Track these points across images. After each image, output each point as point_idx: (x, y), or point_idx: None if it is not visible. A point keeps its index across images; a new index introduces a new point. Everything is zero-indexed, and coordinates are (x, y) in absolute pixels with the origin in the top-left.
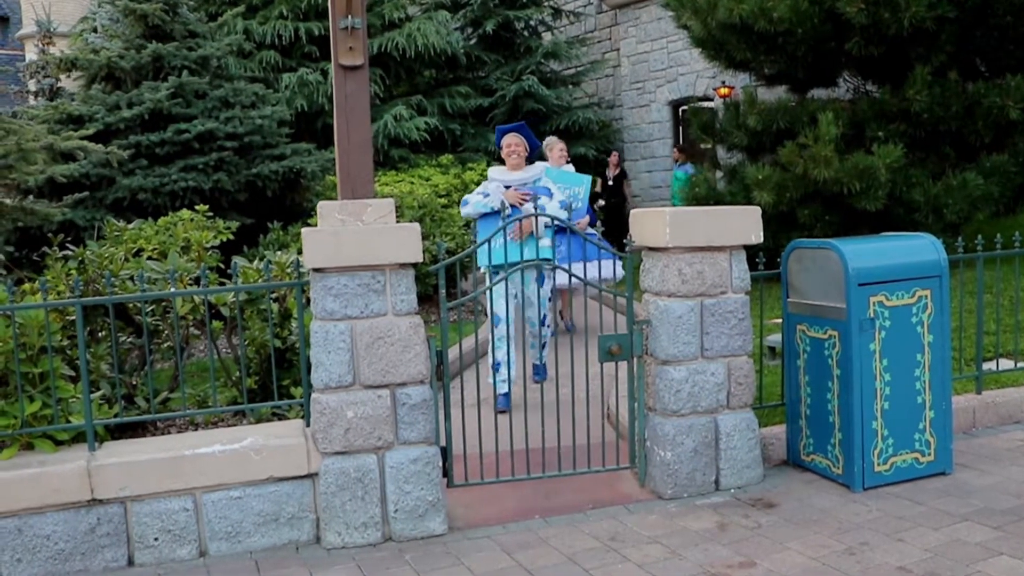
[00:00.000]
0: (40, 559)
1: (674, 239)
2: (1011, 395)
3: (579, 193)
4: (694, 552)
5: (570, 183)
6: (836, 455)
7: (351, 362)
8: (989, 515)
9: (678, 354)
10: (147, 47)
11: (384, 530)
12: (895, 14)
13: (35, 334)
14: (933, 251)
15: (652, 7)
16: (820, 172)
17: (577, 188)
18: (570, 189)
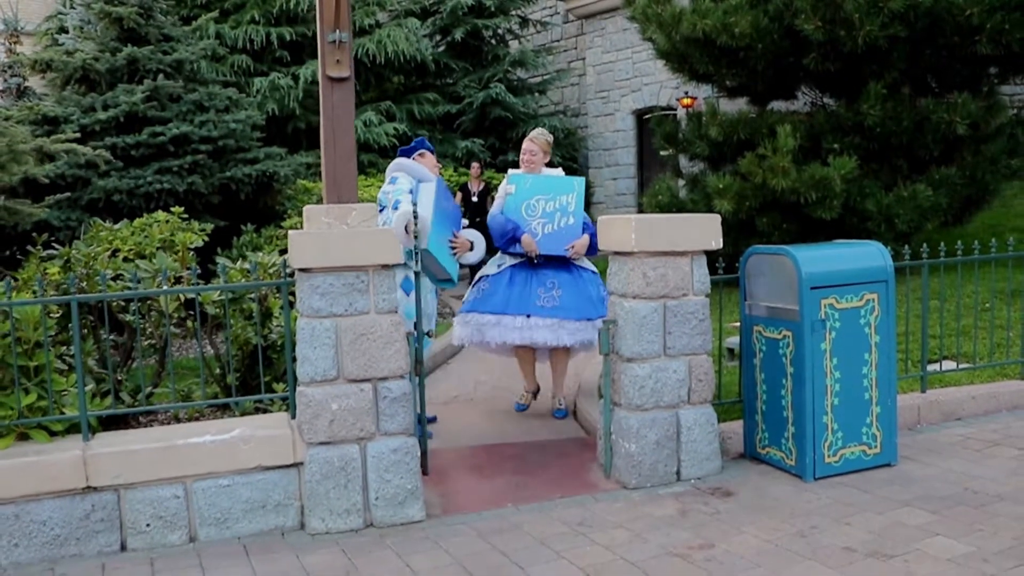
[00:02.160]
0: (36, 544)
1: (639, 244)
2: (953, 394)
3: (568, 204)
4: (657, 535)
5: (553, 191)
6: (789, 448)
7: (336, 357)
8: (928, 501)
9: (642, 352)
10: (122, 50)
11: (366, 516)
12: (850, 32)
13: (30, 329)
14: (880, 258)
15: (618, 18)
16: (778, 182)
17: (565, 197)
18: (555, 199)
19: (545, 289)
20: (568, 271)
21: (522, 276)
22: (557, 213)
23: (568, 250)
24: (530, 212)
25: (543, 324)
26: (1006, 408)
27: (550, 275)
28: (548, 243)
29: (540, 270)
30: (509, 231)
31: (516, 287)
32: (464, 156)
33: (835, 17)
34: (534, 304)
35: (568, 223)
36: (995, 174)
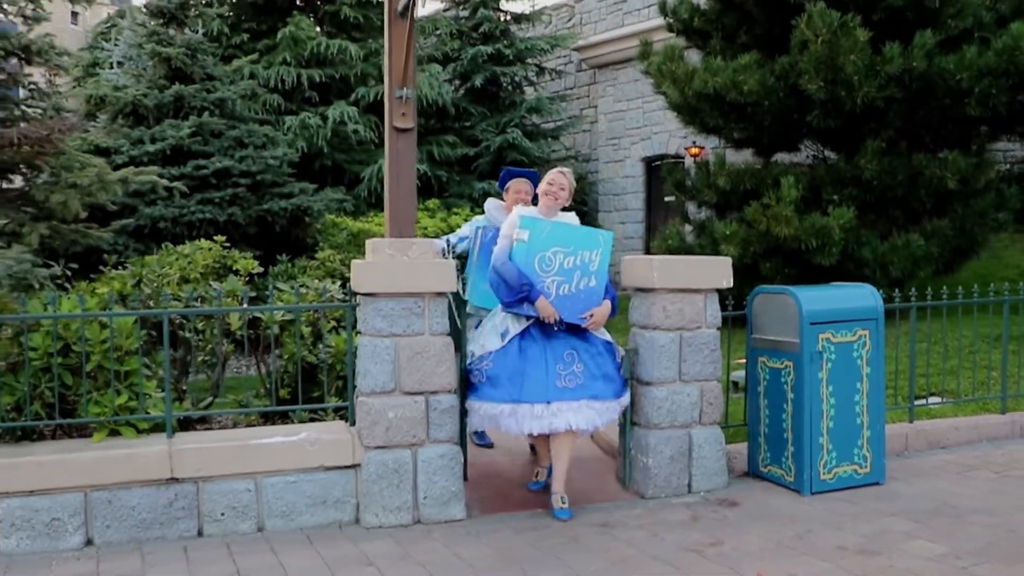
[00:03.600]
0: (126, 526)
1: (660, 281)
2: (938, 424)
3: (591, 262)
4: (673, 535)
5: (575, 244)
6: (789, 466)
7: (394, 372)
8: (912, 513)
9: (660, 377)
10: (169, 88)
11: (414, 514)
12: (850, 93)
13: (123, 337)
14: (872, 298)
15: (629, 69)
16: (781, 229)
17: (588, 253)
18: (576, 254)
19: (564, 365)
20: (583, 339)
21: (535, 350)
22: (576, 272)
23: (586, 319)
24: (544, 267)
25: (568, 408)
26: (987, 439)
27: (566, 346)
28: (562, 308)
29: (553, 339)
30: (523, 290)
31: (529, 365)
32: (480, 197)
33: (836, 78)
34: (554, 386)
35: (589, 285)
36: (983, 227)
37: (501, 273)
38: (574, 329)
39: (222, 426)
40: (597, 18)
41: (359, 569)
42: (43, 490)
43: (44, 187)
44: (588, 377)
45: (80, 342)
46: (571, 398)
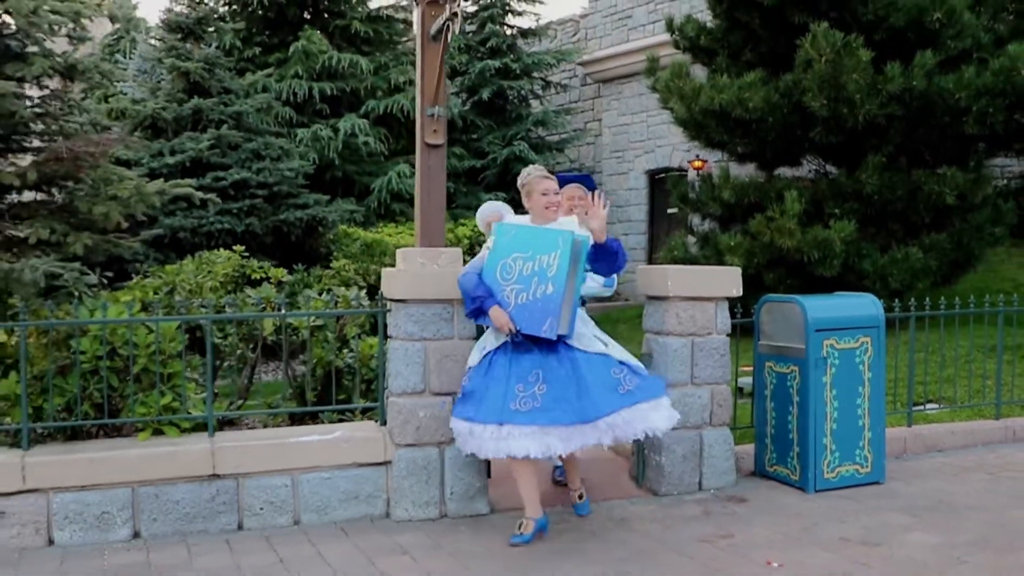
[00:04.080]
0: (171, 519)
1: (674, 290)
2: (935, 429)
3: (548, 267)
4: (686, 528)
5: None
6: (794, 465)
7: (424, 374)
8: (910, 509)
9: (673, 379)
10: (188, 101)
11: (441, 508)
12: (852, 110)
13: (167, 341)
14: (873, 307)
15: (634, 83)
16: (784, 242)
17: (545, 257)
18: (534, 260)
19: (525, 385)
20: (558, 355)
21: (500, 367)
22: (535, 279)
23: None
24: (505, 275)
25: (520, 433)
26: (981, 443)
27: (532, 364)
28: (520, 318)
29: (521, 356)
30: (476, 298)
31: (492, 383)
32: None
33: (839, 96)
34: (507, 408)
35: (546, 292)
36: (980, 241)
37: (461, 284)
38: (550, 344)
39: (250, 427)
40: (602, 33)
41: (395, 558)
42: (94, 485)
43: (87, 199)
44: (550, 400)
45: (127, 346)
46: (522, 422)
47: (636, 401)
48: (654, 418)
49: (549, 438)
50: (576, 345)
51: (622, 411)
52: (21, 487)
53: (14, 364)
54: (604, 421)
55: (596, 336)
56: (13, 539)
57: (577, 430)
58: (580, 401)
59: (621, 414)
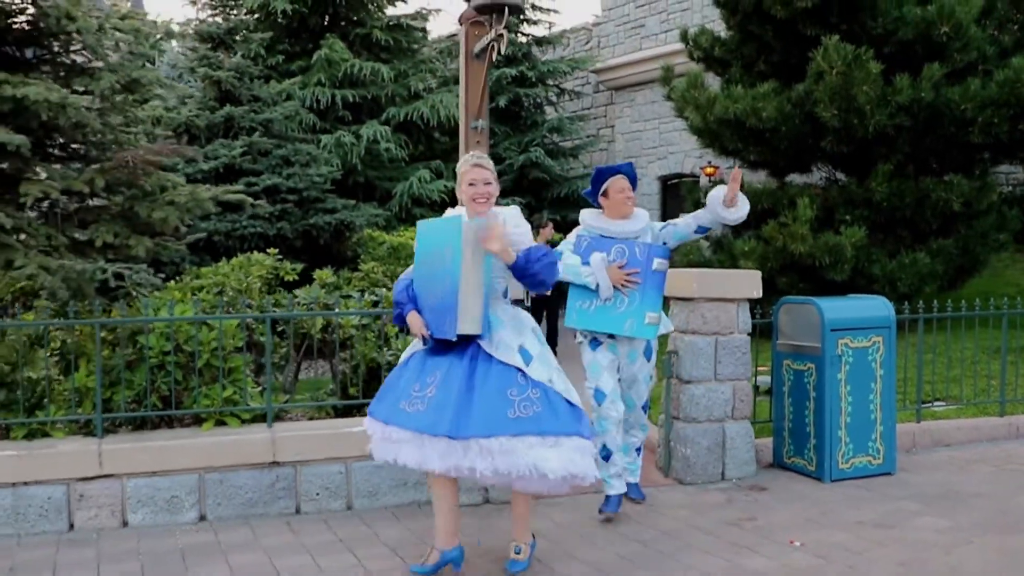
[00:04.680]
0: (234, 504)
1: (700, 292)
2: (943, 425)
3: (448, 259)
4: (712, 513)
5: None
6: (811, 456)
7: None
8: (920, 497)
9: (698, 376)
10: (220, 109)
11: (483, 495)
12: (862, 121)
13: (227, 338)
14: (885, 309)
15: (647, 90)
16: (797, 247)
17: (447, 250)
18: (440, 255)
19: (421, 385)
20: (464, 358)
21: (415, 361)
22: (440, 276)
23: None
24: (423, 276)
25: (401, 438)
26: (986, 439)
27: (436, 365)
28: (431, 320)
29: (433, 355)
30: (397, 303)
31: (397, 380)
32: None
33: (849, 107)
34: (397, 406)
35: (446, 288)
36: (985, 246)
37: (393, 290)
38: (467, 346)
39: (294, 420)
40: (615, 41)
41: None
42: (164, 471)
43: (146, 204)
44: (433, 405)
45: (191, 342)
46: (402, 424)
47: (523, 432)
48: (546, 456)
49: (426, 450)
50: (490, 351)
51: (501, 438)
52: (98, 472)
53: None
54: (477, 443)
55: (524, 347)
56: (91, 520)
57: (451, 447)
58: (458, 414)
59: (499, 440)
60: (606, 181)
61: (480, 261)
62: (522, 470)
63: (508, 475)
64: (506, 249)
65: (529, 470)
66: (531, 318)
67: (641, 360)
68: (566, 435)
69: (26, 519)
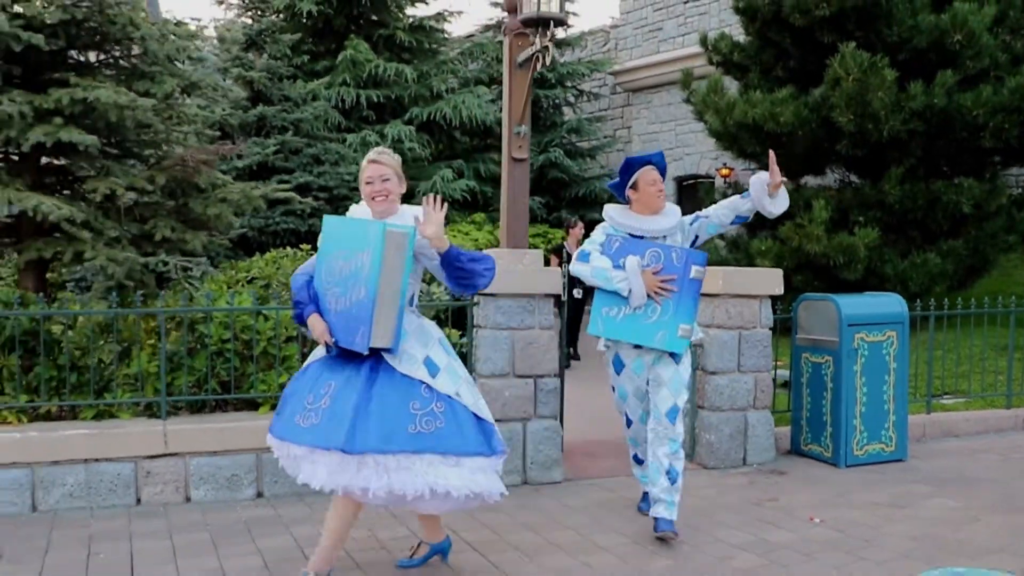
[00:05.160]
0: (289, 482)
1: (725, 288)
2: (951, 416)
3: (361, 266)
4: (736, 493)
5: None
6: (827, 443)
7: (510, 358)
8: (931, 481)
9: (723, 367)
10: (252, 108)
11: (523, 476)
12: (877, 125)
13: (281, 328)
14: (899, 305)
15: (663, 93)
16: (812, 247)
17: (361, 256)
18: (352, 259)
19: (315, 397)
20: (365, 368)
21: (313, 371)
22: (351, 280)
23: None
24: (328, 276)
25: (297, 454)
26: (993, 430)
27: (333, 375)
28: (337, 327)
29: (333, 364)
30: (297, 303)
31: (296, 391)
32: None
33: (864, 112)
34: (292, 420)
35: (359, 297)
36: (994, 247)
37: (291, 285)
38: (371, 357)
39: None
40: (633, 44)
41: (492, 514)
42: (224, 451)
43: (201, 201)
44: (327, 418)
45: (248, 331)
46: (295, 439)
47: (423, 449)
48: (446, 475)
49: (317, 466)
50: (393, 363)
51: (398, 455)
52: (164, 451)
53: (130, 345)
54: (373, 458)
55: (430, 358)
56: (156, 495)
57: (344, 462)
58: (354, 427)
59: (396, 458)
60: (636, 172)
61: (400, 271)
62: (419, 489)
63: (403, 496)
64: (440, 235)
65: (427, 489)
66: (437, 328)
67: (666, 361)
68: (469, 454)
69: (98, 493)
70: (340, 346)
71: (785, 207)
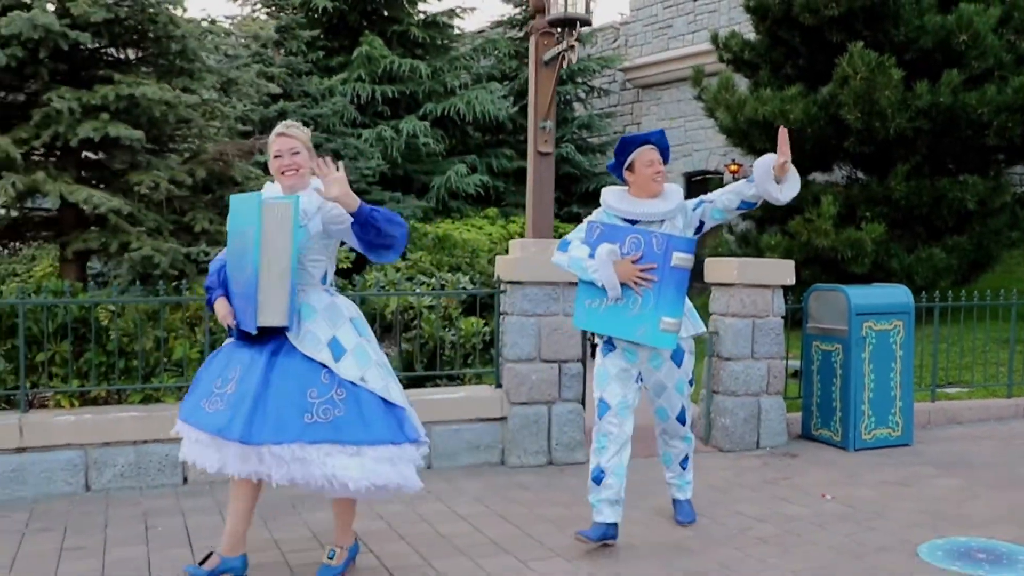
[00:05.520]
0: None
1: (740, 278)
2: (955, 404)
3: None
4: (752, 473)
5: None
6: (837, 428)
7: (536, 344)
8: (935, 464)
9: (737, 354)
10: (273, 104)
11: (548, 456)
12: (883, 123)
13: None
14: (905, 296)
15: (673, 89)
16: (821, 241)
17: (250, 231)
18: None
19: (223, 381)
20: (266, 351)
21: (223, 354)
22: (244, 259)
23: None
24: (231, 257)
25: (201, 439)
26: (995, 418)
27: (240, 359)
28: (238, 308)
29: (240, 350)
30: (207, 288)
31: (205, 374)
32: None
33: (872, 110)
34: (199, 405)
35: (247, 275)
36: (998, 244)
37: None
38: (275, 335)
39: None
40: (643, 41)
41: (519, 492)
42: None
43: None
44: (230, 404)
45: None
46: (199, 424)
47: (320, 439)
48: (346, 465)
49: (224, 452)
50: (296, 343)
51: (292, 445)
52: None
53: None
54: (269, 450)
55: (337, 339)
56: (201, 475)
57: (246, 453)
58: (251, 417)
59: (291, 448)
60: (632, 152)
61: (286, 246)
62: (318, 480)
63: (307, 485)
64: (347, 192)
65: (326, 481)
66: (353, 307)
67: (668, 365)
68: (371, 444)
69: (147, 473)
70: (240, 328)
71: (795, 193)
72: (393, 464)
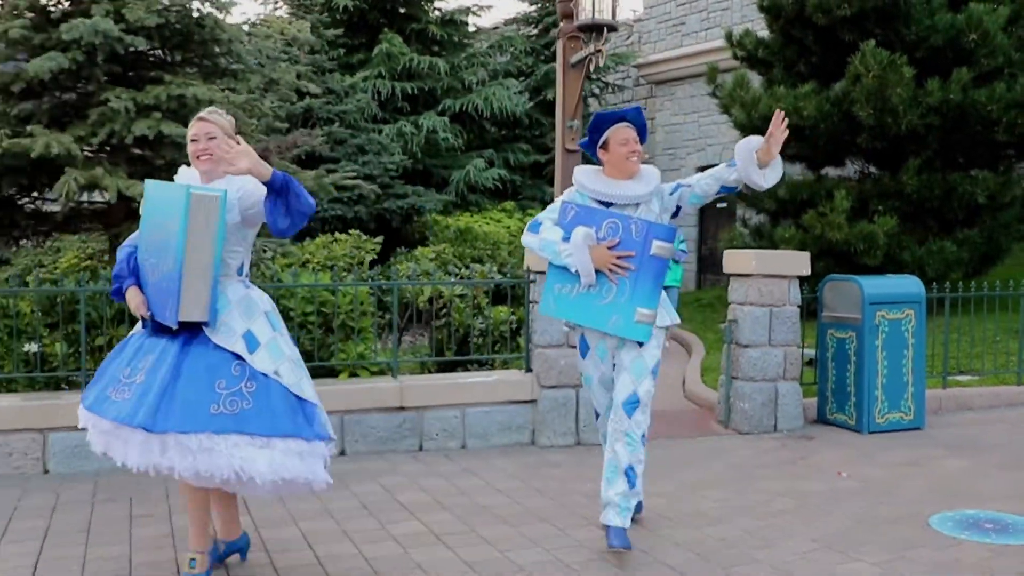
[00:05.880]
0: (368, 441)
1: (757, 268)
2: (965, 391)
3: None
4: (770, 454)
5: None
6: (851, 412)
7: (563, 330)
8: (945, 446)
9: (755, 341)
10: (299, 101)
11: (576, 437)
12: (895, 120)
13: (357, 302)
14: (917, 286)
15: (686, 85)
16: (834, 234)
17: (172, 222)
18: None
19: (131, 371)
20: (179, 342)
21: (132, 344)
22: (164, 250)
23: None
24: (147, 247)
25: (105, 428)
26: (1004, 404)
27: (150, 348)
28: (153, 299)
29: (152, 340)
30: (116, 276)
31: (112, 362)
32: (549, 199)
33: (884, 107)
34: (104, 392)
35: (169, 268)
36: (1008, 237)
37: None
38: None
39: None
40: (656, 38)
41: (550, 469)
42: None
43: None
44: (137, 393)
45: (329, 305)
46: (102, 412)
47: (224, 429)
48: (253, 457)
49: (128, 445)
50: (210, 335)
51: (200, 435)
52: None
53: None
54: (175, 438)
55: (251, 331)
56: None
57: (148, 442)
58: (158, 405)
59: (198, 438)
60: (606, 130)
61: (211, 239)
62: (224, 472)
63: (211, 478)
64: (256, 161)
65: (232, 472)
66: (268, 300)
67: (629, 346)
68: (280, 436)
69: None
70: (155, 320)
71: (777, 178)
72: (302, 458)
